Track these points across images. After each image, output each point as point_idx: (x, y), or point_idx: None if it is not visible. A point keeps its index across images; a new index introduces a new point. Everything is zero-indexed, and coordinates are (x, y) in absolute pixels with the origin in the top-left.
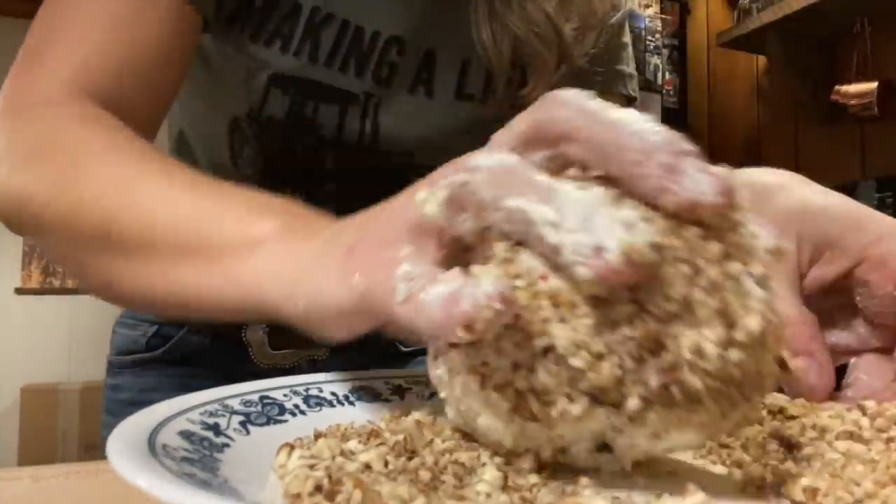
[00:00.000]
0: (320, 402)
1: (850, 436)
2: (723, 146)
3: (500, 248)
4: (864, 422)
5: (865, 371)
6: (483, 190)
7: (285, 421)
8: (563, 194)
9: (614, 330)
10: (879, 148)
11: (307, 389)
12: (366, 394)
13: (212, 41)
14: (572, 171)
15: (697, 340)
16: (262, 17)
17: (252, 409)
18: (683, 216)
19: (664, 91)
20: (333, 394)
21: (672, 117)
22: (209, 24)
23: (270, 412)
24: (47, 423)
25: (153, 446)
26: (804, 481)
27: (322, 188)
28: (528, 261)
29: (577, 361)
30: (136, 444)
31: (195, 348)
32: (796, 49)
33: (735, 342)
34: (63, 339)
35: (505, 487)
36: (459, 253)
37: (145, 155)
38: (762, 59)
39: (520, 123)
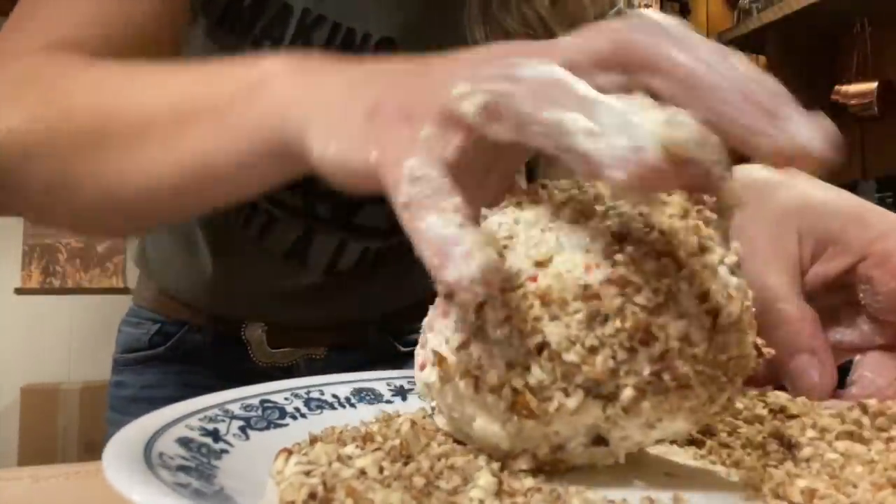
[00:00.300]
0: (321, 405)
1: (850, 436)
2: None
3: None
4: (865, 421)
5: (870, 368)
6: (524, 103)
7: (286, 425)
8: (605, 105)
9: (605, 324)
10: (879, 148)
11: (308, 392)
12: (367, 396)
13: (203, 45)
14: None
15: (684, 329)
16: (252, 17)
17: (252, 413)
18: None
19: None
20: (335, 396)
21: None
22: (197, 17)
23: (271, 416)
24: (47, 423)
25: (149, 456)
26: (802, 483)
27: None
28: (517, 263)
29: (571, 356)
30: (131, 455)
31: (196, 346)
32: (796, 49)
33: (719, 328)
34: (63, 339)
35: (499, 493)
36: (479, 154)
37: (130, 64)
38: (762, 59)
39: (598, 40)
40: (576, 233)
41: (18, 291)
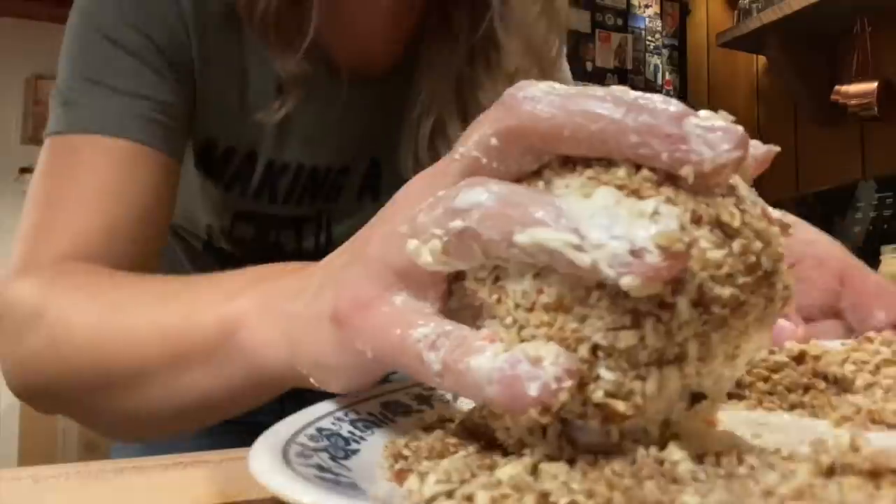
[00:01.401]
0: (368, 424)
1: (891, 363)
2: None
3: (483, 291)
4: (887, 349)
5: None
6: (486, 230)
7: (357, 450)
8: (573, 209)
9: (626, 296)
10: (879, 148)
11: (346, 414)
12: (398, 408)
13: (190, 175)
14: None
15: (699, 254)
16: (222, 165)
17: (319, 443)
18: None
19: (664, 91)
20: (371, 414)
21: None
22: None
23: (338, 443)
24: (47, 423)
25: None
26: (891, 405)
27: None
28: (517, 287)
29: (622, 340)
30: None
31: None
32: (796, 49)
33: (730, 233)
34: None
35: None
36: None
37: (125, 289)
38: (762, 59)
39: (487, 133)
40: None
41: None
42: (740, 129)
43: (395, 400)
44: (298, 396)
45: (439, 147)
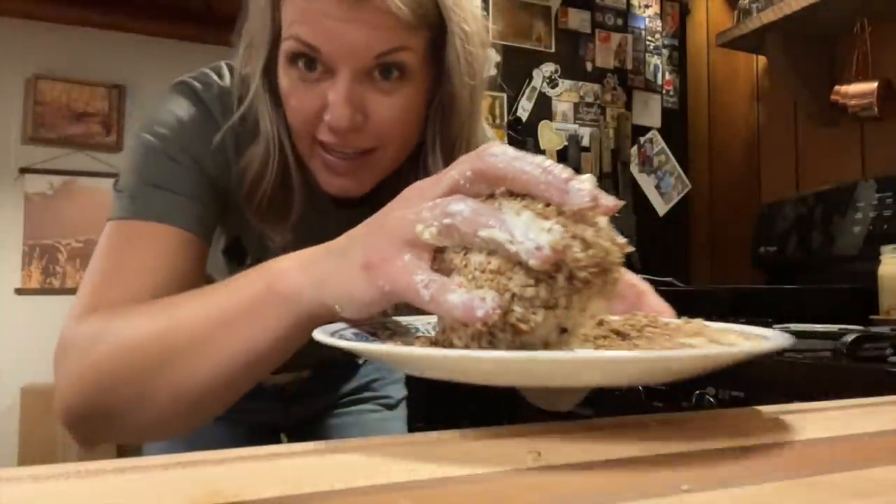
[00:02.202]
0: (367, 337)
1: (652, 326)
2: (723, 146)
3: (457, 259)
4: (645, 319)
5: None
6: (463, 226)
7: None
8: (510, 222)
9: (532, 270)
10: (879, 148)
11: (354, 329)
12: (380, 329)
13: (217, 259)
14: (499, 192)
15: (571, 253)
16: (241, 254)
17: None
18: (575, 214)
19: (664, 91)
20: (367, 330)
21: (672, 117)
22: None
23: (360, 335)
24: (47, 423)
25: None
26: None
27: None
28: (476, 258)
29: (528, 292)
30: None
31: None
32: (796, 49)
33: (590, 244)
34: None
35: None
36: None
37: (178, 295)
38: (762, 59)
39: (466, 170)
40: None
41: (18, 291)
42: (595, 191)
43: (377, 325)
44: (299, 400)
45: None
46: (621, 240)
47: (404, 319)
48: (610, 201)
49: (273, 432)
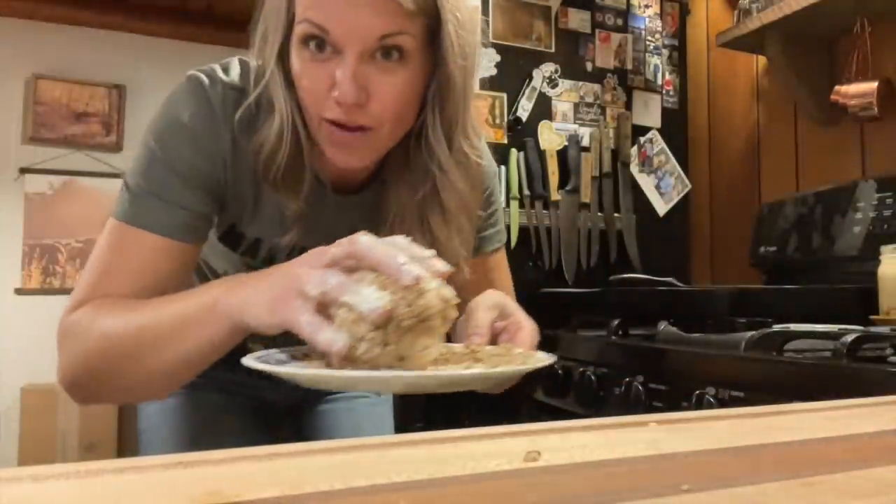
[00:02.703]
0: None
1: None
2: (723, 146)
3: (333, 310)
4: (488, 345)
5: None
6: (333, 292)
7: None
8: (363, 290)
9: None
10: (879, 148)
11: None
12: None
13: (215, 244)
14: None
15: (400, 310)
16: (239, 242)
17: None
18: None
19: (664, 91)
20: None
21: (672, 117)
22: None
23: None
24: (47, 423)
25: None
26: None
27: None
28: (342, 313)
29: (370, 336)
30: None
31: None
32: (796, 49)
33: (411, 304)
34: None
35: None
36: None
37: (144, 302)
38: (762, 59)
39: (340, 252)
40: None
41: (18, 291)
42: (418, 272)
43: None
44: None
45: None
46: (450, 297)
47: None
48: (441, 267)
49: (270, 408)
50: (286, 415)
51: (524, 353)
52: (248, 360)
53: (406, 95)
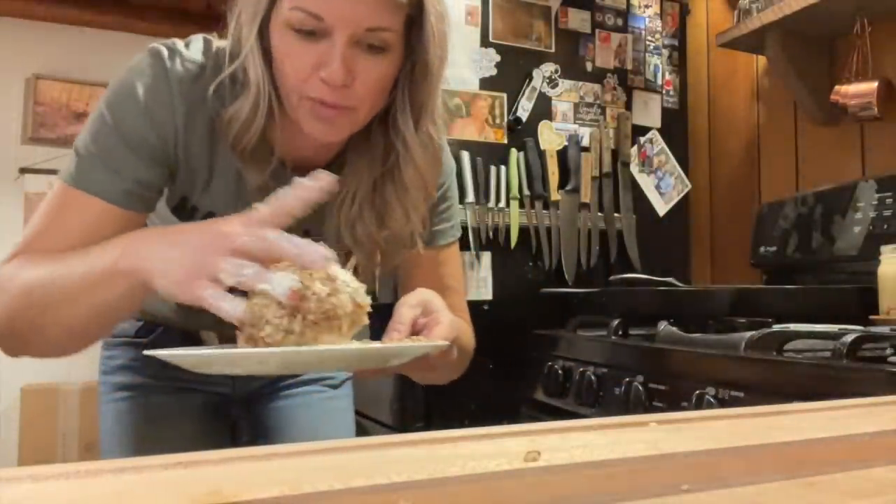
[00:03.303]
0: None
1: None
2: (723, 146)
3: (252, 298)
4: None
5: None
6: (249, 281)
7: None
8: (273, 276)
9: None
10: (879, 148)
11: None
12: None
13: (165, 213)
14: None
15: (314, 303)
16: (190, 215)
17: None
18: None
19: (664, 91)
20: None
21: (672, 117)
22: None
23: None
24: (47, 423)
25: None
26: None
27: None
28: (256, 300)
29: (276, 320)
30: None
31: (169, 339)
32: (796, 49)
33: (323, 302)
34: None
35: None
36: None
37: (60, 257)
38: (762, 59)
39: (253, 244)
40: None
41: None
42: (319, 254)
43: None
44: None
45: (356, 226)
46: (363, 303)
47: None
48: (315, 255)
49: (227, 402)
50: (243, 410)
51: (422, 344)
52: (149, 351)
53: (386, 80)
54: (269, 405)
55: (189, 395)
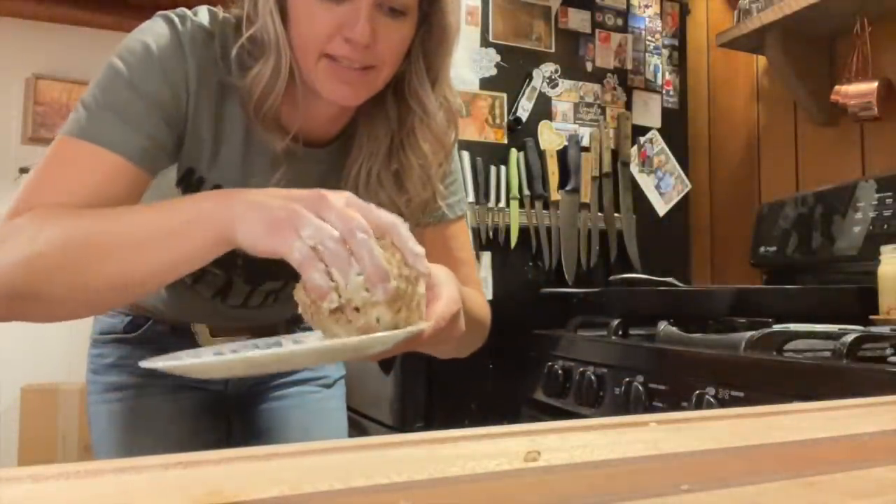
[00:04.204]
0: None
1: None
2: (723, 146)
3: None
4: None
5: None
6: (325, 255)
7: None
8: (353, 267)
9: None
10: (879, 148)
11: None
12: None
13: (170, 187)
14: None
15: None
16: (196, 188)
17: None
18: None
19: (664, 91)
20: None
21: (672, 117)
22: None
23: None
24: (47, 423)
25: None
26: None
27: (235, 264)
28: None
29: (356, 301)
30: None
31: (159, 334)
32: (796, 49)
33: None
34: (63, 339)
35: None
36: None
37: (86, 214)
38: (762, 59)
39: (338, 220)
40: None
41: None
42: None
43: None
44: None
45: (378, 193)
46: (424, 269)
47: (262, 341)
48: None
49: (221, 401)
50: (236, 409)
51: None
52: (145, 363)
53: (405, 43)
54: (263, 405)
55: (183, 395)
